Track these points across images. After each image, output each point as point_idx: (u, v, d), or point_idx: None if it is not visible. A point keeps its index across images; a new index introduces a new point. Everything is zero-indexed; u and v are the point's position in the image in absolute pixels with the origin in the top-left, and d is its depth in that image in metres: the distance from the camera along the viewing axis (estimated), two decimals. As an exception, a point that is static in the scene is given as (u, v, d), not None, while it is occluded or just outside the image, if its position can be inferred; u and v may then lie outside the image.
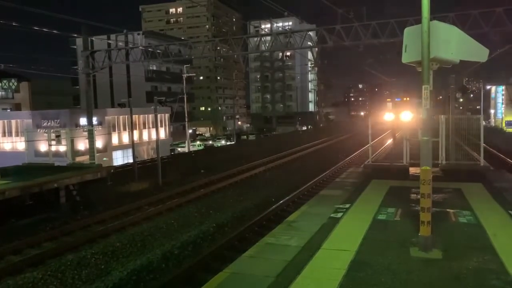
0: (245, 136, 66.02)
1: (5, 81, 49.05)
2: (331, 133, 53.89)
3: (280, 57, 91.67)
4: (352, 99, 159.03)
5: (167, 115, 45.98)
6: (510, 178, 13.43)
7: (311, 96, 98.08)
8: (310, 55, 69.92)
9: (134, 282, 9.24)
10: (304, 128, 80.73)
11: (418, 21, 6.82)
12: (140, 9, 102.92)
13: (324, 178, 20.30)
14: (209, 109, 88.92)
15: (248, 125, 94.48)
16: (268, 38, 22.08)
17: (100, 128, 35.80)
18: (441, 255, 6.60)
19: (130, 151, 32.03)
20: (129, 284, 9.15)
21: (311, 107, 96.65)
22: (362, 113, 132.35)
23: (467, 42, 7.24)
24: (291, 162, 28.76)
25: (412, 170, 13.36)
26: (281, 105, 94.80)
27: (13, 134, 40.28)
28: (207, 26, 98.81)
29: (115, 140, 38.66)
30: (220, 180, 21.22)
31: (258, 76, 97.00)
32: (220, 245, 10.65)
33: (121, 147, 39.00)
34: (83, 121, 31.68)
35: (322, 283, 5.72)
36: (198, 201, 17.13)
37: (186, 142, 42.95)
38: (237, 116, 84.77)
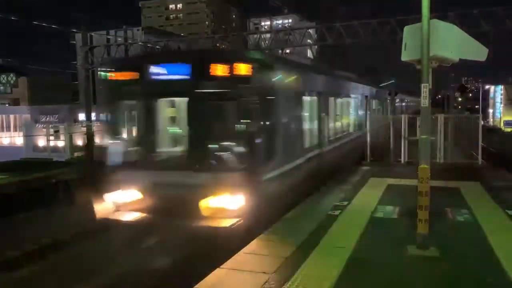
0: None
1: (3, 76, 48.93)
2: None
3: (279, 54, 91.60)
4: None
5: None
6: (508, 177, 13.45)
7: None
8: (309, 53, 69.88)
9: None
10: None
11: (418, 19, 6.81)
12: (139, 5, 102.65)
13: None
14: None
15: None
16: (268, 35, 22.07)
17: (99, 124, 35.78)
18: (438, 253, 6.61)
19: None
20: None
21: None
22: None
23: (467, 41, 7.26)
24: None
25: (410, 167, 13.37)
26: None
27: (11, 129, 40.23)
28: (206, 23, 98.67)
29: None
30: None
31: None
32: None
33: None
34: (81, 116, 31.62)
35: (319, 280, 5.73)
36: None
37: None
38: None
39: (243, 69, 7.62)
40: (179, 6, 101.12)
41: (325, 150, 12.28)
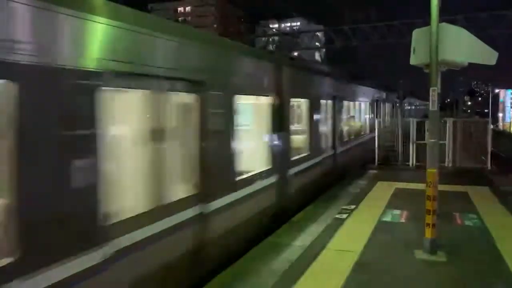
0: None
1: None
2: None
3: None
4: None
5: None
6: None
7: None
8: (317, 56, 69.88)
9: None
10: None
11: (426, 23, 6.79)
12: (149, 8, 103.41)
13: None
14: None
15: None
16: (276, 38, 22.12)
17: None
18: (446, 258, 6.58)
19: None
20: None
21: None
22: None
23: (476, 45, 7.20)
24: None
25: (419, 171, 13.31)
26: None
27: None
28: (215, 25, 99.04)
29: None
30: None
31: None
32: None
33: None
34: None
35: (326, 284, 5.72)
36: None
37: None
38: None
39: None
40: (188, 9, 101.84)
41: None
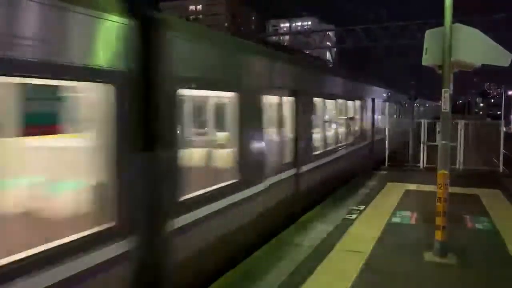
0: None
1: None
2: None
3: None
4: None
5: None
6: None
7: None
8: (328, 55, 69.63)
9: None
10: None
11: (439, 23, 6.73)
12: (160, 7, 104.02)
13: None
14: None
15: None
16: (287, 37, 22.10)
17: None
18: (456, 261, 6.52)
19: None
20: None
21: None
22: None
23: (490, 46, 7.11)
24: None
25: (429, 173, 13.21)
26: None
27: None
28: (226, 24, 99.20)
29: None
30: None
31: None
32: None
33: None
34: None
35: (333, 285, 5.71)
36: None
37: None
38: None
39: None
40: (199, 7, 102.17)
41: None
